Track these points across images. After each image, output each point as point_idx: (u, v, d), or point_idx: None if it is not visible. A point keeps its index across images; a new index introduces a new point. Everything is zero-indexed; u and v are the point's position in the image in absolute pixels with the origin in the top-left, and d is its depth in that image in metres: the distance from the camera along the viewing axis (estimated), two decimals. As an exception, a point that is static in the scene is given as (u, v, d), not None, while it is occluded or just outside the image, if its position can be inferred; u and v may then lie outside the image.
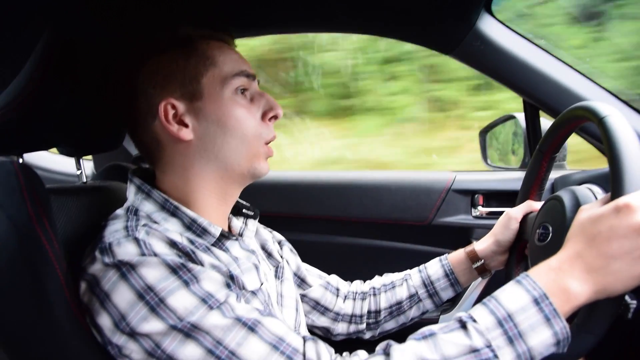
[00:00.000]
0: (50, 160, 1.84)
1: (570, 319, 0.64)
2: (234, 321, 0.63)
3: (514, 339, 0.61)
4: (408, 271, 1.07)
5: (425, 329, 0.67)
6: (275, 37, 3.45)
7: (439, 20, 1.17)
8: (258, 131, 0.78)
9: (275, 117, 0.81)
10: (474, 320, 0.63)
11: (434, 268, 1.03)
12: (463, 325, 0.64)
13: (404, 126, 3.61)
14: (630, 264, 0.60)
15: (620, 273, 0.60)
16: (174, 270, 0.64)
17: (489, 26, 1.18)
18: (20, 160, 0.79)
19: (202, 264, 0.67)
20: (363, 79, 3.80)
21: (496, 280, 0.98)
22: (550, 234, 0.77)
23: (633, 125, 0.70)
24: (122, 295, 0.62)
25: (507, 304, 0.63)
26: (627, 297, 0.63)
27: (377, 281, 1.08)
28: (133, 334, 0.62)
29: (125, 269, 0.63)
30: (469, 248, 1.01)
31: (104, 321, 0.64)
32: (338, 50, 3.72)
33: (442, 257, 1.05)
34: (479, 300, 1.33)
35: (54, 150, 0.93)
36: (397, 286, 1.04)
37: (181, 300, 0.62)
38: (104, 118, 0.88)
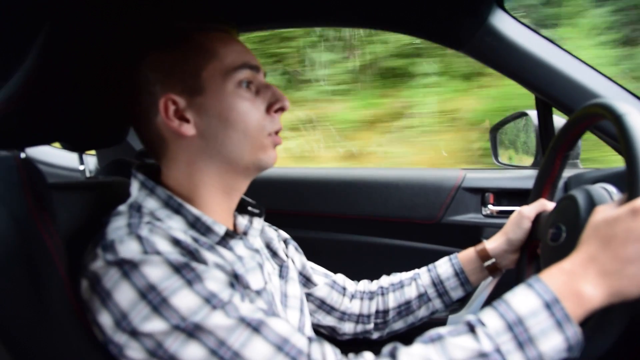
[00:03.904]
0: (53, 155, 1.84)
1: (583, 322, 0.62)
2: (237, 321, 0.62)
3: (524, 343, 0.60)
4: (417, 270, 1.05)
5: (432, 332, 0.65)
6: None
7: (449, 15, 1.15)
8: (261, 124, 0.76)
9: (281, 109, 0.79)
10: (483, 324, 0.62)
11: (443, 267, 1.01)
12: (472, 328, 0.62)
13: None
14: None
15: (636, 277, 0.59)
16: (177, 269, 0.62)
17: (500, 21, 1.16)
18: (22, 155, 0.78)
19: (205, 263, 0.66)
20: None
21: (506, 281, 0.96)
22: (564, 234, 0.75)
23: None
24: (124, 294, 0.61)
25: (518, 307, 0.61)
26: None
27: (385, 280, 1.06)
28: (134, 333, 0.61)
29: (127, 267, 0.62)
30: (479, 247, 0.99)
31: (105, 320, 0.62)
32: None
33: (452, 255, 1.03)
34: (488, 300, 1.31)
35: (58, 145, 0.92)
36: (405, 285, 1.02)
37: (184, 300, 0.61)
38: (107, 113, 0.87)
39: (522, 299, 0.62)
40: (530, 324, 0.60)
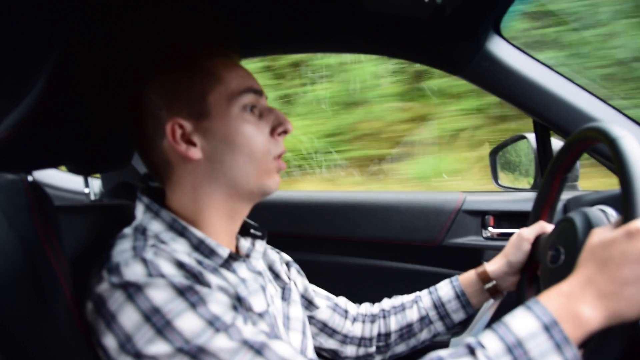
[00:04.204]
0: (59, 178, 1.86)
1: (582, 344, 0.62)
2: (240, 344, 0.62)
3: None
4: (418, 293, 1.05)
5: (433, 355, 0.65)
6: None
7: (447, 41, 1.17)
8: (266, 147, 0.78)
9: (284, 132, 0.80)
10: (483, 347, 0.62)
11: (444, 289, 1.02)
12: (472, 351, 0.62)
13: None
14: None
15: (633, 299, 0.59)
16: (181, 292, 0.63)
17: (497, 46, 1.18)
18: (30, 178, 0.79)
19: (209, 286, 0.66)
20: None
21: (508, 303, 0.96)
22: (562, 256, 0.76)
23: None
24: (129, 317, 0.62)
25: (517, 330, 0.61)
26: None
27: (387, 303, 1.06)
28: (139, 356, 0.61)
29: (132, 290, 0.63)
30: (480, 269, 1.00)
31: (110, 342, 0.63)
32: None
33: (453, 278, 1.03)
34: (490, 323, 1.31)
35: (63, 168, 0.93)
36: (407, 308, 1.02)
37: (188, 323, 0.61)
38: (112, 137, 0.88)
39: (521, 321, 0.62)
40: (530, 346, 0.60)
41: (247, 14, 1.06)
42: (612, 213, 0.75)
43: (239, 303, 0.69)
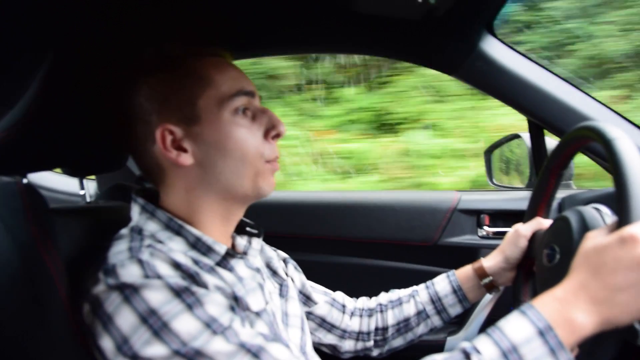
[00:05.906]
0: (54, 181, 1.85)
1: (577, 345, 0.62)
2: (238, 347, 0.62)
3: None
4: (415, 287, 1.05)
5: (428, 359, 0.65)
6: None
7: (440, 42, 1.18)
8: (259, 151, 0.77)
9: (278, 135, 0.79)
10: (478, 352, 0.62)
11: (441, 284, 1.02)
12: (467, 356, 0.62)
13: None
14: (635, 296, 0.59)
15: (626, 305, 0.59)
16: (177, 293, 0.63)
17: (491, 46, 1.19)
18: (25, 181, 0.79)
19: (206, 286, 0.66)
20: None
21: (505, 301, 0.96)
22: (558, 255, 0.76)
23: (638, 145, 0.69)
24: (125, 319, 0.62)
25: (512, 335, 0.62)
26: (635, 324, 0.61)
27: (384, 297, 1.07)
28: (135, 358, 0.61)
29: (128, 291, 0.62)
30: (476, 264, 1.00)
31: (106, 344, 0.62)
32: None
33: (450, 273, 1.03)
34: (487, 320, 1.31)
35: (59, 170, 0.93)
36: (404, 302, 1.03)
37: (185, 325, 0.61)
38: (107, 139, 0.88)
39: (516, 326, 0.62)
40: (525, 351, 0.60)
41: (240, 15, 1.06)
42: (606, 212, 0.75)
43: (236, 303, 0.69)
